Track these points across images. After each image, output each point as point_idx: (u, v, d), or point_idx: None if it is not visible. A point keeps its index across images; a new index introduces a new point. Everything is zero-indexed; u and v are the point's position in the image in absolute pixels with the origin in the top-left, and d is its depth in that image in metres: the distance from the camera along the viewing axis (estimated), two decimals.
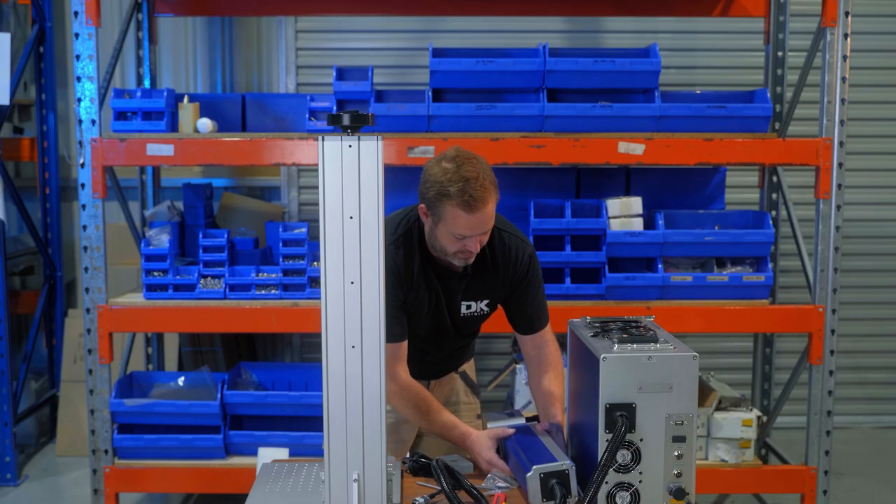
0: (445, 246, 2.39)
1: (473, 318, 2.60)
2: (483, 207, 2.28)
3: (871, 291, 5.52)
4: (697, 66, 5.39)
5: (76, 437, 4.90)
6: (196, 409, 3.79)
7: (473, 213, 2.27)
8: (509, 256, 2.51)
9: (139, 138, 3.68)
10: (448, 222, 2.32)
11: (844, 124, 3.63)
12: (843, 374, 4.90)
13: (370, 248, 1.77)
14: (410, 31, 5.26)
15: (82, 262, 3.66)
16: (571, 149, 3.61)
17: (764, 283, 3.75)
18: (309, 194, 5.33)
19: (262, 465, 2.28)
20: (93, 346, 3.67)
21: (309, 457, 3.66)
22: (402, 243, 2.47)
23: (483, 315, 2.61)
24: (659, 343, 1.89)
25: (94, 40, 3.59)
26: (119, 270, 4.56)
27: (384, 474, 1.82)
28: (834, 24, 3.59)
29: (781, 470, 3.90)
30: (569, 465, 1.89)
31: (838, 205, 3.66)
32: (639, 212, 3.81)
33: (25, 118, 5.36)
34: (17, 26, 5.18)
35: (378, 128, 3.64)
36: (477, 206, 2.27)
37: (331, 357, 1.78)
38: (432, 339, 2.61)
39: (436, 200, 2.32)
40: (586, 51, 4.08)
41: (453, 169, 2.29)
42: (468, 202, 2.26)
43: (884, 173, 5.48)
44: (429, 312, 2.53)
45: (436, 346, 2.64)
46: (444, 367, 2.77)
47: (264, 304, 3.75)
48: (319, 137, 1.76)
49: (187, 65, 5.35)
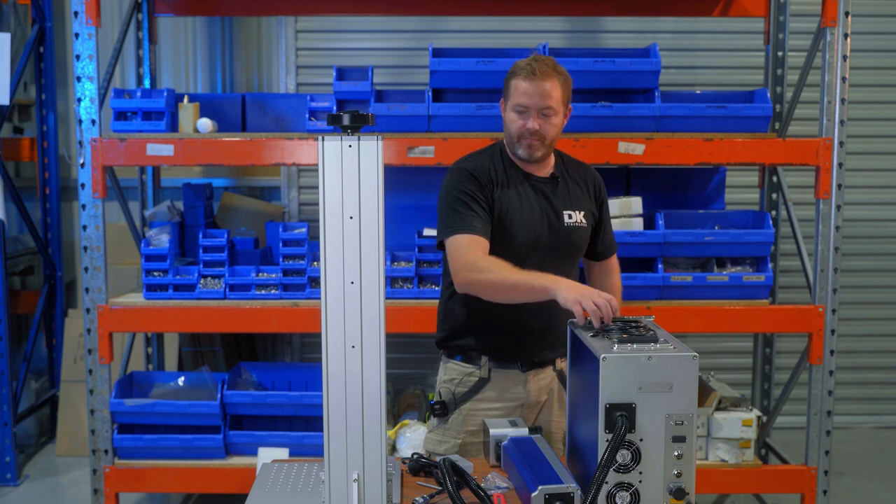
0: (511, 129, 2.54)
1: (577, 229, 2.61)
2: (543, 79, 2.47)
3: (871, 291, 5.53)
4: (697, 66, 5.39)
5: (76, 437, 4.90)
6: (196, 409, 3.79)
7: (533, 81, 2.47)
8: (584, 168, 2.71)
9: (139, 138, 3.68)
10: (511, 96, 2.52)
11: (844, 124, 3.63)
12: (843, 374, 4.90)
13: (370, 248, 1.77)
14: (410, 31, 5.26)
15: (82, 262, 3.66)
16: (571, 149, 3.60)
17: (764, 283, 3.75)
18: (309, 194, 5.33)
19: (262, 465, 2.28)
20: (93, 346, 3.67)
21: (309, 457, 3.66)
22: (484, 152, 2.65)
23: (584, 229, 2.63)
24: (659, 343, 1.89)
25: (94, 40, 3.59)
26: (119, 270, 4.56)
27: (384, 474, 1.82)
28: (834, 24, 3.59)
29: (781, 470, 3.90)
30: (574, 489, 1.89)
31: (838, 205, 3.66)
32: (639, 212, 3.81)
33: (25, 118, 5.36)
34: (17, 26, 5.18)
35: (378, 128, 3.64)
36: (536, 76, 2.47)
37: (331, 357, 1.78)
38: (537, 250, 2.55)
39: (507, 82, 2.55)
40: (586, 51, 4.08)
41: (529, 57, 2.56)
42: (530, 72, 2.48)
43: (884, 173, 5.49)
44: (528, 213, 2.55)
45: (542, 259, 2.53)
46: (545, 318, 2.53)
47: (264, 304, 3.75)
48: (319, 137, 1.76)
49: (187, 65, 5.35)
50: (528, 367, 2.62)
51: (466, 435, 2.62)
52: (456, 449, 2.61)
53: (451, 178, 2.58)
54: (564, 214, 2.60)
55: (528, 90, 2.48)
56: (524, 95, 2.49)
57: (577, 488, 1.90)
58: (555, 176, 2.63)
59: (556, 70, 2.52)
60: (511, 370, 2.62)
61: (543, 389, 2.65)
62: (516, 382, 2.62)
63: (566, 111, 2.58)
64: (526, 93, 2.48)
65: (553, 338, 2.62)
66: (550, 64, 2.51)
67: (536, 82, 2.47)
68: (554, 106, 2.50)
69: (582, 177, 2.69)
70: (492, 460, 2.32)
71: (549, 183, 2.62)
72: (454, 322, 2.65)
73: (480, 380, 2.62)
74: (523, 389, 2.63)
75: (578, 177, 2.68)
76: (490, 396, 2.62)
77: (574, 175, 2.68)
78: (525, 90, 2.49)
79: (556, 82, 2.50)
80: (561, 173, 2.65)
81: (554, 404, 2.67)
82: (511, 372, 2.62)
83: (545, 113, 2.50)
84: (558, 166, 2.66)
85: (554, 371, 2.67)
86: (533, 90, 2.48)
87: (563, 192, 2.63)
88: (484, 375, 2.62)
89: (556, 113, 2.52)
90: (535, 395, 2.64)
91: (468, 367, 2.64)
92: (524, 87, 2.49)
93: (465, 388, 2.63)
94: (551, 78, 2.49)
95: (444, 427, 2.66)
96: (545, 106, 2.49)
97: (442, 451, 2.61)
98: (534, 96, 2.48)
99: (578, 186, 2.66)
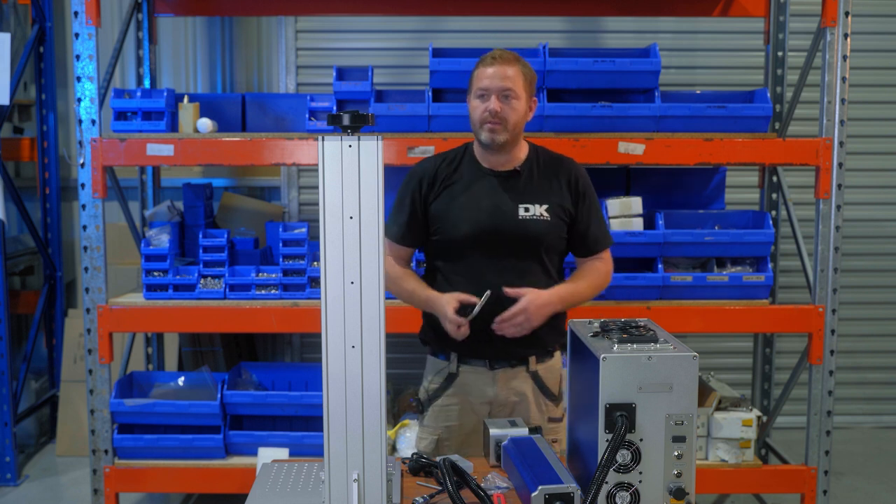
0: (473, 116, 2.59)
1: (535, 223, 2.59)
2: (503, 63, 2.54)
3: (871, 291, 5.53)
4: (697, 66, 5.39)
5: (76, 437, 4.90)
6: (196, 409, 3.79)
7: (494, 65, 2.54)
8: (560, 161, 2.70)
9: (139, 138, 3.68)
10: (473, 84, 2.59)
11: (844, 124, 3.63)
12: (843, 374, 4.90)
13: (370, 248, 1.76)
14: (410, 31, 5.26)
15: (82, 262, 3.66)
16: (571, 149, 3.61)
17: (764, 283, 3.75)
18: (309, 194, 5.33)
19: (262, 465, 2.28)
20: (93, 346, 3.67)
21: (309, 457, 3.66)
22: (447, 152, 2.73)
23: (545, 222, 2.60)
24: (659, 343, 1.89)
25: (94, 40, 3.59)
26: (119, 270, 4.56)
27: (384, 474, 1.82)
28: (834, 24, 3.59)
29: (781, 470, 3.90)
30: (574, 489, 1.89)
31: (838, 205, 3.67)
32: (639, 212, 3.81)
33: (25, 118, 5.36)
34: (17, 26, 5.18)
35: (378, 128, 3.64)
36: (497, 61, 2.55)
37: (331, 357, 1.78)
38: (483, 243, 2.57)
39: (470, 77, 2.62)
40: (586, 51, 4.08)
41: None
42: (492, 58, 2.56)
43: (884, 173, 5.48)
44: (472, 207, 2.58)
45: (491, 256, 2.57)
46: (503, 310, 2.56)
47: (264, 304, 3.75)
48: (319, 137, 1.76)
49: (187, 65, 5.35)
50: (496, 364, 2.64)
51: (442, 430, 2.67)
52: (434, 445, 2.67)
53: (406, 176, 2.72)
54: (520, 208, 2.60)
55: (489, 73, 2.55)
56: (485, 79, 2.55)
57: (577, 488, 1.90)
58: (517, 170, 2.63)
59: (518, 59, 2.59)
60: (479, 367, 2.65)
61: (514, 390, 2.66)
62: (484, 380, 2.65)
63: (530, 102, 2.61)
64: (486, 76, 2.55)
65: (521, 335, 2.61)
66: (513, 54, 2.59)
67: (497, 66, 2.55)
68: (515, 89, 2.54)
69: (554, 171, 2.67)
70: (492, 460, 2.32)
71: (508, 177, 2.63)
72: (427, 315, 2.72)
73: (450, 375, 2.67)
74: (491, 387, 2.65)
75: (550, 171, 2.66)
76: (459, 392, 2.66)
77: (545, 169, 2.67)
78: (486, 74, 2.55)
79: (518, 69, 2.57)
80: (529, 167, 2.65)
81: (531, 407, 2.67)
82: (479, 369, 2.65)
83: (506, 94, 2.54)
84: (529, 161, 2.66)
85: (527, 372, 2.67)
86: (493, 73, 2.54)
87: (525, 186, 2.62)
88: (453, 371, 2.66)
89: (517, 97, 2.55)
90: (504, 395, 2.65)
91: (440, 363, 2.70)
92: (485, 72, 2.55)
93: (437, 384, 2.69)
94: (513, 64, 2.56)
95: (422, 424, 2.73)
96: (505, 87, 2.54)
97: (423, 447, 2.68)
98: (494, 78, 2.54)
99: (548, 181, 2.65)
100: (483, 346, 2.61)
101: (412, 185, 2.65)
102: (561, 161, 2.70)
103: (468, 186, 2.61)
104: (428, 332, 2.72)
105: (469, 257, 2.56)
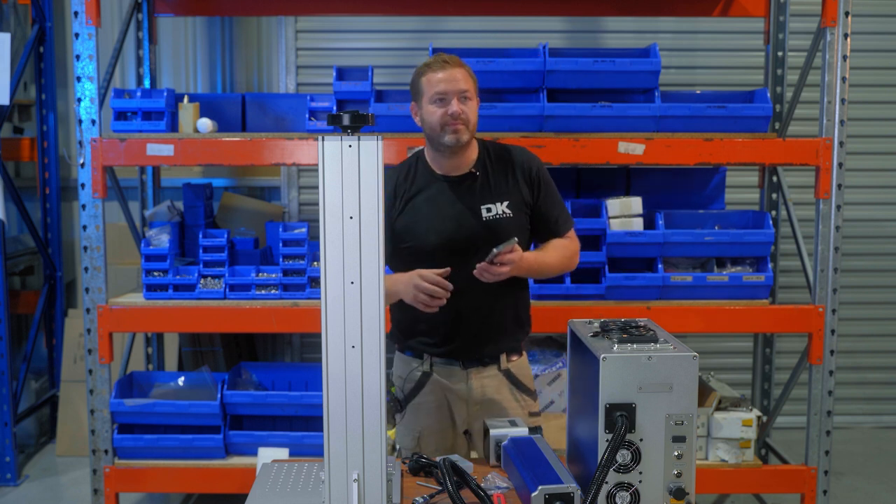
0: (432, 121, 2.59)
1: (499, 221, 2.62)
2: (453, 67, 2.58)
3: (871, 291, 5.53)
4: (697, 66, 5.39)
5: (76, 437, 4.90)
6: (196, 409, 3.79)
7: (445, 69, 2.57)
8: (510, 154, 2.71)
9: (139, 138, 3.68)
10: (426, 91, 2.59)
11: (844, 124, 3.63)
12: (843, 374, 4.90)
13: (370, 248, 1.77)
14: (410, 31, 5.26)
15: (82, 262, 3.66)
16: (571, 149, 3.61)
17: (764, 283, 3.75)
18: (309, 194, 5.33)
19: (262, 465, 2.28)
20: (93, 346, 3.67)
21: (309, 457, 3.66)
22: (399, 166, 2.75)
23: (509, 218, 2.63)
24: (659, 343, 1.89)
25: (94, 40, 3.59)
26: (119, 270, 4.56)
27: (384, 474, 1.82)
28: (834, 24, 3.59)
29: (781, 470, 3.90)
30: (574, 489, 1.89)
31: (838, 205, 3.66)
32: (639, 212, 3.81)
33: (25, 118, 5.36)
34: (17, 26, 5.18)
35: (378, 128, 3.64)
36: (446, 65, 2.58)
37: (331, 357, 1.78)
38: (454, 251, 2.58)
39: (416, 83, 2.63)
40: (586, 51, 4.08)
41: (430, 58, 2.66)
42: (438, 64, 2.59)
43: (884, 173, 5.48)
44: (436, 217, 2.61)
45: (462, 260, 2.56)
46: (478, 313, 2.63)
47: (264, 304, 3.75)
48: (319, 137, 1.76)
49: (187, 65, 5.35)
50: (468, 363, 2.67)
51: (423, 428, 2.71)
52: (416, 443, 2.70)
53: None
54: (482, 209, 2.62)
55: (444, 77, 2.57)
56: (441, 83, 2.56)
57: (577, 488, 1.90)
58: (472, 172, 2.65)
59: (462, 62, 2.63)
60: (452, 366, 2.68)
61: (488, 388, 2.69)
62: (458, 378, 2.69)
63: (477, 102, 2.66)
64: (442, 80, 2.56)
65: (491, 332, 2.67)
66: (455, 57, 2.63)
67: (449, 70, 2.57)
68: (469, 89, 2.59)
69: (508, 164, 2.69)
70: (492, 460, 2.32)
71: (464, 180, 2.65)
72: (396, 319, 2.75)
73: (424, 374, 2.70)
74: (465, 386, 2.68)
75: (502, 165, 2.69)
76: (434, 390, 2.69)
77: (497, 165, 2.69)
78: (440, 78, 2.57)
79: (466, 71, 2.61)
80: (482, 167, 2.67)
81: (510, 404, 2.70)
82: (452, 368, 2.68)
83: (465, 96, 2.58)
84: (480, 160, 2.68)
85: (499, 370, 2.71)
86: (448, 76, 2.56)
87: (482, 187, 2.65)
88: (426, 370, 2.69)
89: (472, 97, 2.60)
90: (479, 393, 2.68)
91: (413, 362, 2.72)
92: (438, 76, 2.57)
93: (412, 382, 2.71)
94: (461, 66, 2.60)
95: (402, 423, 2.76)
96: (462, 89, 2.57)
97: (406, 445, 2.72)
98: (450, 82, 2.56)
99: (504, 176, 2.68)
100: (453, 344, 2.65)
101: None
102: (511, 152, 2.73)
103: (429, 197, 2.65)
104: (397, 335, 2.76)
105: (436, 259, 2.57)
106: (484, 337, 2.67)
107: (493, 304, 2.65)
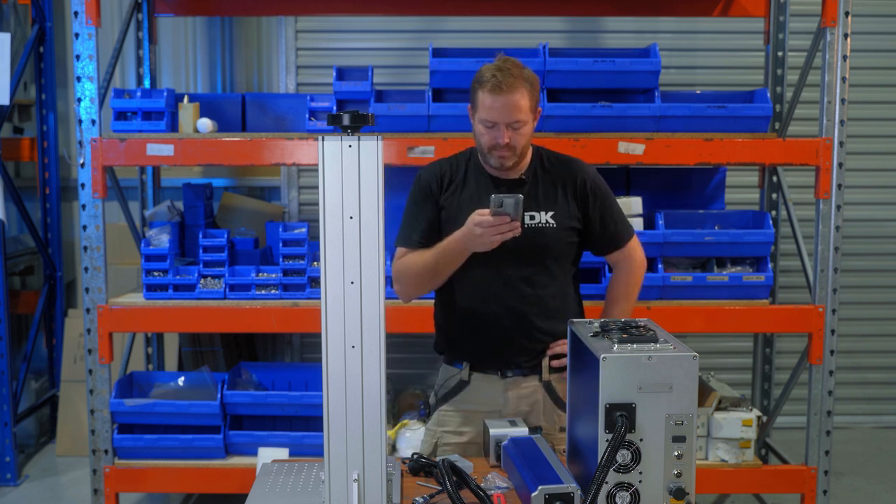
0: (480, 141, 2.50)
1: (541, 231, 2.54)
2: (509, 92, 2.39)
3: (871, 291, 5.53)
4: (697, 66, 5.39)
5: (76, 437, 4.90)
6: (196, 409, 3.79)
7: (499, 95, 2.40)
8: (564, 165, 2.62)
9: (139, 138, 3.68)
10: (479, 109, 2.46)
11: (844, 124, 3.63)
12: (843, 374, 4.89)
13: (370, 248, 1.77)
14: (410, 31, 5.26)
15: (82, 262, 3.66)
16: (571, 149, 3.60)
17: (764, 283, 3.75)
18: (309, 194, 5.33)
19: (262, 465, 2.28)
20: (93, 346, 3.67)
21: (309, 457, 3.66)
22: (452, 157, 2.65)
23: (552, 229, 2.54)
24: (659, 343, 1.89)
25: (94, 40, 3.59)
26: (119, 270, 4.56)
27: (384, 474, 1.82)
28: (834, 24, 3.59)
29: (781, 470, 3.90)
30: (574, 489, 1.89)
31: (838, 205, 3.66)
32: (639, 212, 3.81)
33: (25, 118, 5.36)
34: (17, 26, 5.18)
35: (378, 128, 3.64)
36: (502, 89, 2.39)
37: (331, 357, 1.78)
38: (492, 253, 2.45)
39: (473, 90, 2.48)
40: (586, 51, 4.08)
41: (493, 63, 2.47)
42: (495, 85, 2.40)
43: (884, 173, 5.49)
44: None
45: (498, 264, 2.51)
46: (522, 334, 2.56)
47: (264, 304, 3.75)
48: (319, 137, 1.76)
49: (187, 65, 5.35)
50: (507, 374, 2.61)
51: (442, 434, 2.66)
52: (432, 448, 2.66)
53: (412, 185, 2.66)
54: (526, 216, 2.54)
55: (495, 105, 2.41)
56: (491, 111, 2.42)
57: (577, 488, 1.90)
58: (522, 179, 2.58)
59: (522, 77, 2.43)
60: (491, 375, 2.61)
61: (524, 399, 2.63)
62: (495, 389, 2.61)
63: (536, 115, 2.53)
64: (493, 108, 2.41)
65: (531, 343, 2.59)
66: (516, 72, 2.43)
67: (503, 97, 2.39)
68: (522, 118, 2.44)
69: (561, 175, 2.61)
70: (492, 460, 2.32)
71: (515, 185, 2.57)
72: (439, 326, 2.71)
73: (461, 382, 2.64)
74: (501, 397, 2.61)
75: (556, 176, 2.60)
76: (467, 399, 2.63)
77: (552, 175, 2.60)
78: (492, 105, 2.41)
79: (524, 91, 2.43)
80: (532, 174, 2.59)
81: (540, 416, 2.63)
82: (490, 377, 2.61)
83: (514, 126, 2.44)
84: (532, 167, 2.60)
85: (539, 382, 2.62)
86: (500, 105, 2.40)
87: (529, 194, 2.57)
88: (464, 378, 2.63)
89: (525, 123, 2.46)
90: (514, 404, 2.61)
91: (453, 370, 2.66)
92: (490, 102, 2.41)
93: (447, 389, 2.66)
94: (518, 89, 2.41)
95: (426, 427, 2.73)
96: (514, 120, 2.43)
97: (424, 450, 2.67)
98: (502, 111, 2.41)
99: (553, 187, 2.59)
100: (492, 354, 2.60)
101: (425, 189, 2.59)
102: (566, 164, 2.64)
103: (474, 194, 2.57)
104: (441, 342, 2.70)
105: (476, 266, 2.51)
106: (522, 347, 2.58)
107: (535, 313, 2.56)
